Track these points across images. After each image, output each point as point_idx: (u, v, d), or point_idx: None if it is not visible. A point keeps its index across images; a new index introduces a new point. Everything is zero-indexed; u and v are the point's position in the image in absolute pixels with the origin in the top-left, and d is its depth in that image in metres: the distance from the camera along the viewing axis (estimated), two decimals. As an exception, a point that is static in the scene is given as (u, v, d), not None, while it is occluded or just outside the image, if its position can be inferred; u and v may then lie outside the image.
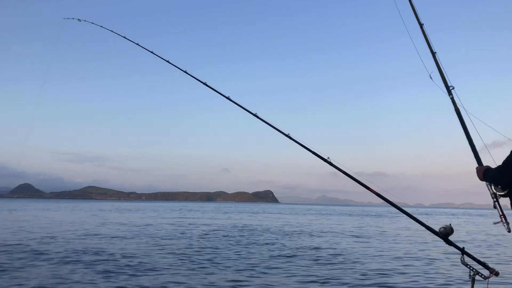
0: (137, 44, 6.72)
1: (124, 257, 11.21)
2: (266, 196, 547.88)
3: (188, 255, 11.84)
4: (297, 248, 14.05)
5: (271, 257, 11.87)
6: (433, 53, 3.57)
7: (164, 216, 38.53)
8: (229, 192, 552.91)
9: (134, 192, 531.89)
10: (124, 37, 6.97)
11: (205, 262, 10.71)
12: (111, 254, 11.64)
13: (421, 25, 3.75)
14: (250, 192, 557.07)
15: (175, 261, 10.70)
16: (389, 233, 22.55)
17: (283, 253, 12.82)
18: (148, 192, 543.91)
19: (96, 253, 11.76)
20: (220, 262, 10.76)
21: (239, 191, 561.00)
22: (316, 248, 14.36)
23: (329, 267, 10.34)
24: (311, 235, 19.75)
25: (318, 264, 10.81)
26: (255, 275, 9.03)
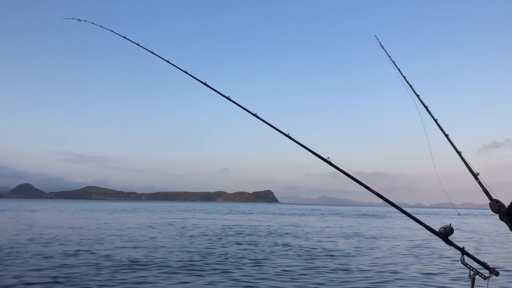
0: (137, 44, 6.70)
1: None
2: (266, 196, 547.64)
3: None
4: (297, 248, 14.07)
5: (271, 253, 11.88)
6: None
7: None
8: (229, 192, 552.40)
9: (134, 192, 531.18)
10: (124, 37, 6.96)
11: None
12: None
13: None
14: (250, 192, 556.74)
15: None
16: (389, 233, 22.55)
17: (286, 253, 12.82)
18: (148, 192, 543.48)
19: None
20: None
21: (239, 191, 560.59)
22: (314, 248, 14.36)
23: (326, 267, 10.34)
24: (310, 235, 19.75)
25: (315, 264, 10.81)
26: (252, 275, 9.04)
